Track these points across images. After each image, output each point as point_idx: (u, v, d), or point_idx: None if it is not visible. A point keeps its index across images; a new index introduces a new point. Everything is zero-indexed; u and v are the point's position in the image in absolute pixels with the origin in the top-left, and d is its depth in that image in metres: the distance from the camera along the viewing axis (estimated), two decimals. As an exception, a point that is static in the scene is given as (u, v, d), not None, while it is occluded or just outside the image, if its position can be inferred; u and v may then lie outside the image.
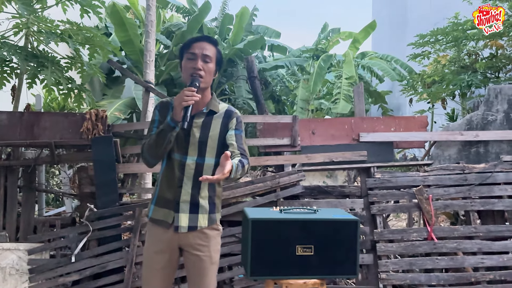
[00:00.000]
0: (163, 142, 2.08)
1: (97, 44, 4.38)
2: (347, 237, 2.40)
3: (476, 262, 3.51)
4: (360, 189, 3.70)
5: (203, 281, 2.21)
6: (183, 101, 2.00)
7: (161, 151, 2.13)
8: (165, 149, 2.13)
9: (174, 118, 2.04)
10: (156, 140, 2.09)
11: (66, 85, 4.30)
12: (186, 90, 2.02)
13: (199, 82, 2.08)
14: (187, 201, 2.18)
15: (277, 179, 3.64)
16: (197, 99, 2.02)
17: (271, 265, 2.36)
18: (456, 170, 3.68)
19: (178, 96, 2.05)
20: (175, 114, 2.04)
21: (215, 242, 2.25)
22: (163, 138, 2.08)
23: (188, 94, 2.00)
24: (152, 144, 2.11)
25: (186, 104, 2.00)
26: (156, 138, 2.10)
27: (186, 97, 2.00)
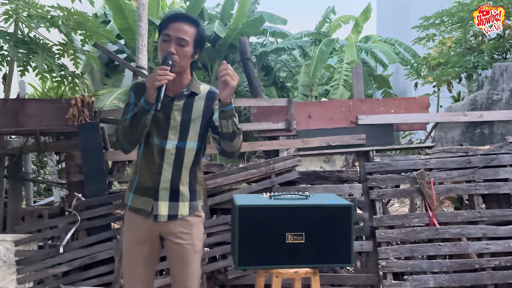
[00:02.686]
0: (138, 127, 1.96)
1: (89, 29, 4.25)
2: (340, 224, 2.27)
3: (480, 248, 3.36)
4: (358, 174, 3.55)
5: (187, 270, 2.10)
6: (156, 80, 1.86)
7: (137, 136, 2.00)
8: (141, 134, 2.00)
9: (148, 100, 1.91)
10: (131, 124, 1.97)
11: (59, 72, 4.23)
12: (159, 69, 1.89)
13: (172, 60, 1.94)
14: (167, 188, 2.06)
15: (271, 165, 3.50)
16: (171, 78, 1.88)
17: (260, 254, 2.23)
18: (459, 153, 3.52)
19: (150, 76, 1.91)
20: (148, 95, 1.91)
21: (197, 230, 2.13)
22: (137, 122, 1.95)
23: (160, 74, 1.86)
24: (127, 129, 1.99)
25: (159, 84, 1.86)
26: (130, 122, 1.97)
27: (158, 77, 1.86)
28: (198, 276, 2.18)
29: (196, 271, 2.15)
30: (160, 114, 2.02)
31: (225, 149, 2.06)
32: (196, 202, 2.13)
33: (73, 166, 3.41)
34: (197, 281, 2.17)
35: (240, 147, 2.08)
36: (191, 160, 2.08)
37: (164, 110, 2.02)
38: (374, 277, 3.41)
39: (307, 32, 12.75)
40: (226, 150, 2.06)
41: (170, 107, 2.05)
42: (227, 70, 1.87)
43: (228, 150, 2.06)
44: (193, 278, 2.13)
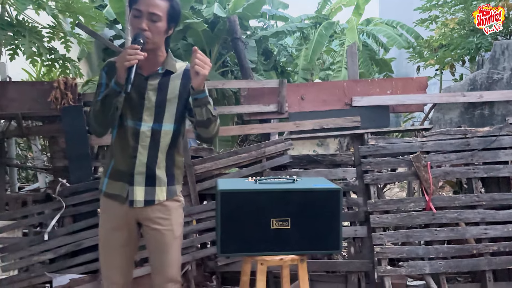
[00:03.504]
0: (109, 109, 1.85)
1: (79, 11, 4.12)
2: (328, 209, 2.17)
3: (478, 233, 3.25)
4: (352, 158, 3.43)
5: (166, 257, 2.01)
6: (125, 60, 1.74)
7: (109, 120, 1.90)
8: (113, 117, 1.89)
9: (118, 81, 1.79)
10: (101, 107, 1.86)
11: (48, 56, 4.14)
12: (129, 48, 1.76)
13: (143, 37, 1.81)
14: (143, 172, 1.96)
15: (262, 149, 3.38)
16: (142, 58, 1.76)
17: (243, 241, 2.14)
18: (457, 135, 3.38)
19: (120, 55, 1.79)
20: (118, 76, 1.79)
21: (176, 215, 2.04)
22: (108, 104, 1.84)
23: (130, 53, 1.74)
24: (98, 112, 1.88)
25: (129, 64, 1.74)
26: (101, 104, 1.86)
27: (128, 56, 1.74)
28: (179, 263, 2.09)
29: (176, 258, 2.06)
30: (133, 94, 1.91)
31: (200, 135, 1.99)
32: (174, 187, 2.03)
33: (57, 151, 3.31)
34: (177, 268, 2.08)
35: (216, 133, 2.01)
36: (167, 143, 1.97)
37: (138, 90, 1.91)
38: (369, 263, 3.31)
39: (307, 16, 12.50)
40: (201, 135, 2.00)
41: (144, 86, 1.93)
42: (196, 60, 1.77)
43: (204, 136, 1.99)
44: (172, 265, 2.04)
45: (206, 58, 1.80)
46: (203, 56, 1.79)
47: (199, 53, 1.79)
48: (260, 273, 2.17)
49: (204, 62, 1.78)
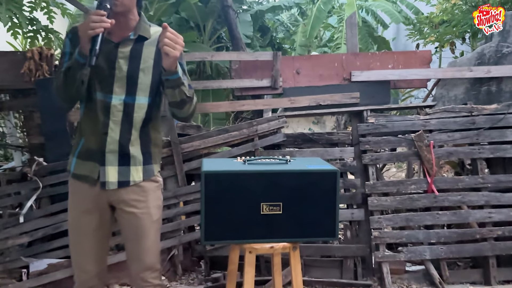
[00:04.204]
0: (73, 83, 1.61)
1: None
2: (324, 192, 1.95)
3: (482, 217, 3.07)
4: (350, 136, 3.22)
5: (143, 243, 1.81)
6: (89, 29, 1.49)
7: (74, 94, 1.67)
8: (78, 92, 1.66)
9: (82, 52, 1.55)
10: (64, 79, 1.62)
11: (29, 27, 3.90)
12: (93, 14, 1.51)
13: (110, 2, 1.56)
14: (115, 151, 1.73)
15: (254, 127, 3.16)
16: (108, 26, 1.51)
17: (230, 227, 1.93)
18: (462, 112, 3.17)
19: (83, 22, 1.54)
20: (82, 46, 1.54)
21: (154, 197, 1.83)
22: (71, 77, 1.60)
23: (95, 20, 1.49)
24: (61, 85, 1.65)
25: (93, 33, 1.49)
26: (64, 77, 1.62)
27: (92, 24, 1.49)
28: (157, 250, 1.89)
29: (154, 244, 1.86)
30: (103, 64, 1.67)
31: (175, 114, 1.79)
32: (151, 166, 1.82)
33: (32, 127, 3.08)
34: (156, 255, 1.88)
35: (192, 113, 1.80)
36: (142, 118, 1.75)
37: (107, 59, 1.67)
38: (365, 248, 3.14)
39: (304, -10, 12.07)
40: (176, 115, 1.79)
41: (115, 54, 1.69)
42: (165, 39, 1.53)
43: (179, 116, 1.79)
44: (150, 252, 1.84)
45: (178, 37, 1.56)
46: (174, 34, 1.55)
47: (170, 31, 1.55)
48: (249, 263, 1.97)
49: (175, 42, 1.54)
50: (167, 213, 3.11)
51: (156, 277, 1.89)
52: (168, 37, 1.54)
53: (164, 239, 3.11)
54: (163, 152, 3.11)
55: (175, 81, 1.63)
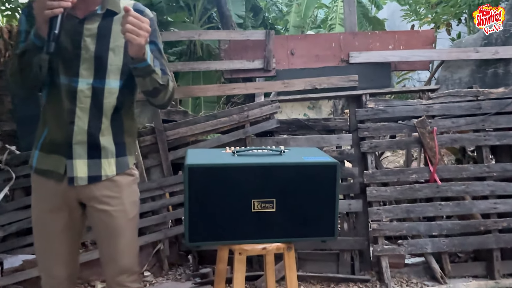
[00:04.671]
0: (29, 68, 1.39)
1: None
2: (322, 187, 1.75)
3: (487, 208, 2.90)
4: (348, 122, 3.01)
5: (118, 243, 1.61)
6: (46, 8, 1.25)
7: (31, 81, 1.45)
8: (36, 78, 1.43)
9: (39, 33, 1.31)
10: (19, 64, 1.40)
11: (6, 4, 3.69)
12: None
13: None
14: (83, 142, 1.51)
15: (245, 112, 2.93)
16: (69, 5, 1.28)
17: (217, 227, 1.73)
18: (468, 97, 2.97)
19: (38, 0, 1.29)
20: (38, 27, 1.30)
21: (129, 192, 1.63)
22: (27, 62, 1.37)
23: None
24: (16, 70, 1.42)
25: (51, 14, 1.25)
26: (18, 61, 1.39)
27: (49, 3, 1.25)
28: (134, 250, 1.69)
29: (131, 244, 1.66)
30: (66, 43, 1.44)
31: (150, 101, 1.59)
32: (125, 158, 1.61)
33: (3, 112, 2.83)
34: (133, 256, 1.68)
35: (169, 100, 1.60)
36: (113, 104, 1.52)
37: (71, 37, 1.44)
38: (363, 241, 2.96)
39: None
40: (151, 102, 1.60)
41: (80, 32, 1.46)
42: (127, 25, 1.30)
43: (154, 103, 1.60)
44: (126, 253, 1.64)
45: (143, 21, 1.32)
46: (137, 18, 1.31)
47: (132, 14, 1.31)
48: (239, 265, 1.77)
49: (139, 27, 1.31)
50: (151, 205, 2.90)
51: (134, 281, 1.70)
52: (131, 22, 1.30)
53: (149, 233, 2.92)
54: (146, 140, 2.89)
55: (144, 69, 1.41)
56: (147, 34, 1.33)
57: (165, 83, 1.49)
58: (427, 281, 2.89)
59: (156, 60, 1.50)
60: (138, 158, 2.86)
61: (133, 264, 1.69)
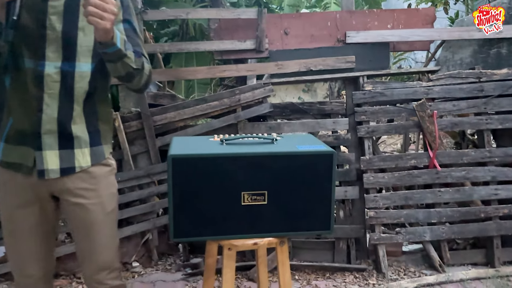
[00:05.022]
0: None
1: None
2: (317, 178, 1.63)
3: (488, 194, 2.80)
4: (344, 106, 2.88)
5: (96, 239, 1.50)
6: None
7: None
8: None
9: None
10: None
11: None
12: None
13: None
14: (53, 131, 1.37)
15: (237, 96, 2.79)
16: None
17: (205, 221, 1.61)
18: (469, 78, 2.84)
19: None
20: None
21: (106, 184, 1.51)
22: None
23: None
24: None
25: None
26: None
27: None
28: (114, 246, 1.58)
29: (110, 239, 1.55)
30: (29, 22, 1.28)
31: (126, 86, 1.47)
32: (101, 147, 1.48)
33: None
34: (113, 252, 1.57)
35: (146, 84, 1.48)
36: (85, 90, 1.38)
37: (34, 15, 1.29)
38: (360, 229, 2.86)
39: None
40: (127, 87, 1.48)
41: (44, 10, 1.30)
42: (89, 8, 1.16)
43: (130, 88, 1.48)
44: (105, 249, 1.54)
45: (107, 1, 1.17)
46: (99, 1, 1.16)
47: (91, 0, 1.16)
48: (228, 261, 1.66)
49: (103, 9, 1.16)
50: (139, 193, 2.78)
51: (115, 278, 1.59)
52: (92, 3, 1.15)
53: (137, 223, 2.80)
54: (132, 126, 2.75)
55: (114, 54, 1.27)
56: (112, 16, 1.18)
57: (139, 67, 1.36)
58: (425, 270, 2.81)
59: (128, 42, 1.35)
60: (124, 145, 2.72)
61: (112, 260, 1.58)
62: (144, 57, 1.42)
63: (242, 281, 2.71)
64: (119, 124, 2.69)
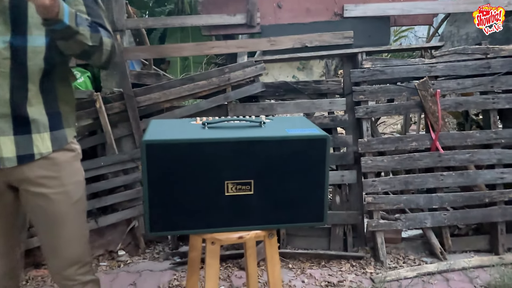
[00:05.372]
0: None
1: None
2: (309, 165, 1.47)
3: (493, 178, 2.65)
4: (342, 85, 2.70)
5: (61, 232, 1.37)
6: None
7: None
8: None
9: None
10: None
11: None
12: None
13: None
14: (7, 115, 1.22)
15: (226, 75, 2.60)
16: None
17: (184, 214, 1.46)
18: (476, 54, 2.65)
19: None
20: None
21: (71, 171, 1.37)
22: None
23: None
24: None
25: None
26: None
27: None
28: (82, 238, 1.45)
29: (78, 231, 1.41)
30: None
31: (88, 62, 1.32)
32: (63, 131, 1.33)
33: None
34: (82, 245, 1.45)
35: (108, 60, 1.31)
36: (40, 66, 1.21)
37: None
38: (357, 215, 2.72)
39: None
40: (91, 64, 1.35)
41: None
42: None
43: (93, 64, 1.32)
44: (73, 243, 1.41)
45: None
46: None
47: None
48: (211, 259, 1.51)
49: None
50: (124, 179, 2.63)
51: (86, 273, 1.46)
52: None
53: (122, 209, 2.66)
54: (115, 107, 2.58)
55: (62, 31, 1.11)
56: None
57: (96, 43, 1.19)
58: (425, 257, 2.68)
59: (82, 16, 1.17)
60: (106, 128, 2.55)
61: (82, 254, 1.45)
62: (105, 30, 1.24)
63: (233, 270, 2.58)
64: (100, 106, 2.51)
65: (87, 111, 2.54)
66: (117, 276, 2.51)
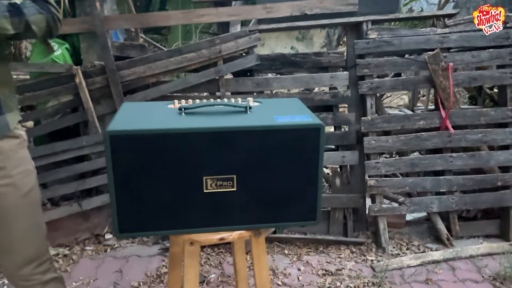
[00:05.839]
0: None
1: None
2: (300, 158, 1.29)
3: (507, 159, 2.45)
4: (345, 58, 2.46)
5: (11, 228, 1.24)
6: None
7: None
8: None
9: None
10: None
11: None
12: None
13: None
14: None
15: (217, 46, 2.37)
16: None
17: (157, 213, 1.28)
18: (494, 24, 2.39)
19: None
20: None
21: (17, 160, 1.21)
22: None
23: None
24: None
25: None
26: None
27: None
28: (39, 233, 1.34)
29: (32, 227, 1.30)
30: None
31: None
32: (4, 117, 1.18)
33: None
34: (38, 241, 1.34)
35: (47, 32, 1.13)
36: None
37: None
38: (359, 198, 2.55)
39: None
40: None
41: None
42: None
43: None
44: (27, 239, 1.30)
45: None
46: None
47: None
48: (190, 260, 1.35)
49: None
50: (108, 160, 2.45)
51: (45, 271, 1.34)
52: None
53: (107, 192, 2.49)
54: (96, 82, 2.37)
55: None
56: None
57: (20, 30, 1.01)
58: (430, 243, 2.52)
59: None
60: (88, 105, 2.35)
61: (38, 251, 1.31)
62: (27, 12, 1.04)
63: (225, 256, 2.44)
64: (80, 81, 2.31)
65: (65, 87, 2.34)
66: (103, 261, 2.39)
